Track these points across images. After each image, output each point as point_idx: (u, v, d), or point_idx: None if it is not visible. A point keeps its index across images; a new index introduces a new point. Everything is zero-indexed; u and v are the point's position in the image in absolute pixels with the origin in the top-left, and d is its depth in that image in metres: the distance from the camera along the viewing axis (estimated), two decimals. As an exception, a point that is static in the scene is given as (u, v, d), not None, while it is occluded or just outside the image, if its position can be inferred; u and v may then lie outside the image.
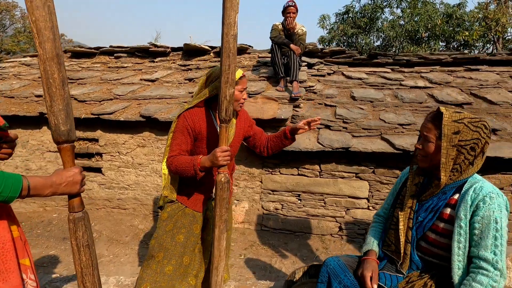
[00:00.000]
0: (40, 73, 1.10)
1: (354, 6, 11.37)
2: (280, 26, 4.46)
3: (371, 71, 5.26)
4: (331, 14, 14.01)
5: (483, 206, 1.24)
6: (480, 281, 1.19)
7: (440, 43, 11.27)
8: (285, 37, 4.43)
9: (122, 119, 3.97)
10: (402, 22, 11.11)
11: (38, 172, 4.48)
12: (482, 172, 3.44)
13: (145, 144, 4.16)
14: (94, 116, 4.06)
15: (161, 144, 4.12)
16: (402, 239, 1.43)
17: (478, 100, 4.22)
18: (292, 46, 4.25)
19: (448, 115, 1.32)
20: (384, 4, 11.32)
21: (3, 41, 19.03)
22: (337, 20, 11.69)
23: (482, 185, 1.29)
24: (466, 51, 11.48)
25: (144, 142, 4.16)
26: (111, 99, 4.44)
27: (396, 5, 11.80)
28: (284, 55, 4.43)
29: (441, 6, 11.81)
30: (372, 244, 1.57)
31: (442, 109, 1.35)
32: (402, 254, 1.44)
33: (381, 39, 11.42)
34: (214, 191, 1.87)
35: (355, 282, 1.44)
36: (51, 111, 1.12)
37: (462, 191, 1.33)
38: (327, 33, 11.67)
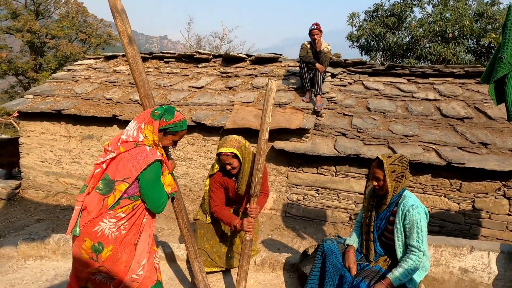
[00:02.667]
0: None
1: (383, 4, 11.68)
2: (308, 45, 5.22)
3: (388, 82, 5.92)
4: (361, 11, 14.26)
5: (408, 215, 2.09)
6: (411, 257, 2.06)
7: (470, 41, 11.38)
8: (312, 54, 5.19)
9: (177, 123, 4.98)
10: (431, 19, 11.29)
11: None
12: (471, 179, 4.16)
13: (194, 143, 5.17)
14: (155, 120, 5.09)
15: (207, 143, 5.11)
16: (363, 240, 2.33)
17: (479, 115, 4.84)
18: (317, 65, 5.01)
19: (386, 161, 2.14)
20: (414, 3, 11.54)
21: (50, 26, 20.30)
22: (366, 18, 12.06)
23: (407, 201, 2.13)
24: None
25: (194, 141, 5.17)
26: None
27: (427, 1, 11.91)
28: (311, 70, 5.20)
29: (473, 3, 11.80)
30: (353, 241, 2.43)
31: (381, 157, 2.17)
32: (367, 249, 2.32)
33: (409, 37, 11.69)
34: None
35: (339, 261, 2.31)
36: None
37: (398, 205, 2.17)
38: (356, 31, 12.10)
